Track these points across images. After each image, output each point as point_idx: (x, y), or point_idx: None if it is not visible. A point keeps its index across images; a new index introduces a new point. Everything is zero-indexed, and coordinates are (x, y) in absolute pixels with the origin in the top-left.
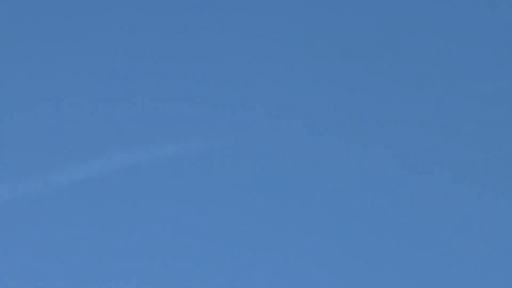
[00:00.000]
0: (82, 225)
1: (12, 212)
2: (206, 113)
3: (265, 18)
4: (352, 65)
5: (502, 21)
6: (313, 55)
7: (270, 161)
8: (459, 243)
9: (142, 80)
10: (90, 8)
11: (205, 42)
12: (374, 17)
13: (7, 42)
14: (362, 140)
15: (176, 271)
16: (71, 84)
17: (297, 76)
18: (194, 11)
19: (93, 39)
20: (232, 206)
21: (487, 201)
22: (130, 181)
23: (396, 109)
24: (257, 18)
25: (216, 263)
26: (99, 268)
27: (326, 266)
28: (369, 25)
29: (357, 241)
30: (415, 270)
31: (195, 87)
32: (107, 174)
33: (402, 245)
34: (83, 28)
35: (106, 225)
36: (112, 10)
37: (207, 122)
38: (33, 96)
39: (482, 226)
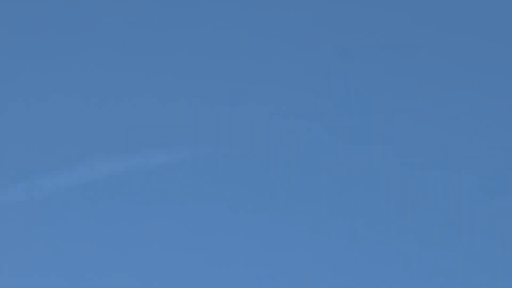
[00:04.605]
0: (66, 232)
1: None
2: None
3: (265, 18)
4: (352, 65)
5: (504, 21)
6: (313, 55)
7: (267, 163)
8: (462, 242)
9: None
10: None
11: (201, 41)
12: (374, 17)
13: None
14: (362, 141)
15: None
16: (55, 86)
17: (296, 76)
18: (194, 10)
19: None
20: (224, 213)
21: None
22: (114, 190)
23: (396, 110)
24: (257, 18)
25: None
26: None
27: (327, 264)
28: (369, 25)
29: (358, 241)
30: (417, 269)
31: (187, 88)
32: (91, 182)
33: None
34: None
35: (89, 233)
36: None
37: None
38: (15, 100)
39: (482, 226)
